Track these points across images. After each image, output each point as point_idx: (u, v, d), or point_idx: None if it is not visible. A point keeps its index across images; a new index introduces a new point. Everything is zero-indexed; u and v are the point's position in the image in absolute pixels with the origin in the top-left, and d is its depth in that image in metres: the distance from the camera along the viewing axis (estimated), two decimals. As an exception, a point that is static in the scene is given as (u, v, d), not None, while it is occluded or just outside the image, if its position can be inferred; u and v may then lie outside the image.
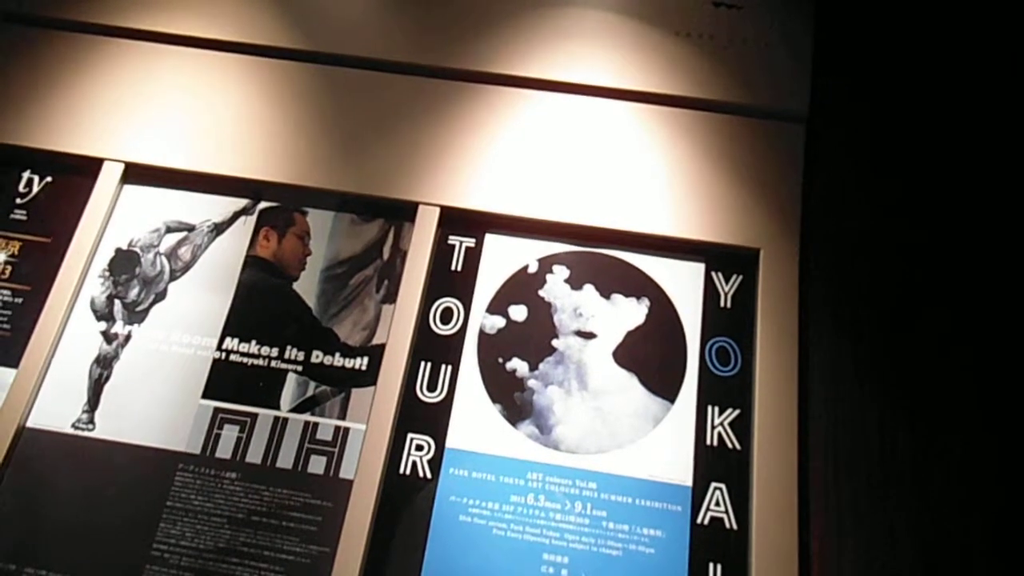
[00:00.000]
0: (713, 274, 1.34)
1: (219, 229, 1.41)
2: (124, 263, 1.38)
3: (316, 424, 1.26)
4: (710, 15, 1.48)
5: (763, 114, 1.41)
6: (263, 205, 1.43)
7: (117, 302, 1.35)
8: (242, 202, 1.43)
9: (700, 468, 1.21)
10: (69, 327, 1.33)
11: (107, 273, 1.37)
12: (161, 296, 1.36)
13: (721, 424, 1.24)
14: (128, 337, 1.33)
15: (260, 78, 1.48)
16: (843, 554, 1.14)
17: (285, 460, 1.23)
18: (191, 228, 1.41)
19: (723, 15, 1.48)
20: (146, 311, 1.35)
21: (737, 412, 1.24)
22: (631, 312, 1.32)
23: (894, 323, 1.27)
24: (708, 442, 1.22)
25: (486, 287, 1.35)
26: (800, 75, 1.42)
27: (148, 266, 1.38)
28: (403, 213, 1.39)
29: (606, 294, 1.33)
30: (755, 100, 1.41)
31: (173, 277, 1.37)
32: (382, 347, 1.29)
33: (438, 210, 1.38)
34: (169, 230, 1.41)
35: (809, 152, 1.39)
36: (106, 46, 1.52)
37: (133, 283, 1.37)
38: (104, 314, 1.35)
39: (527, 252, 1.37)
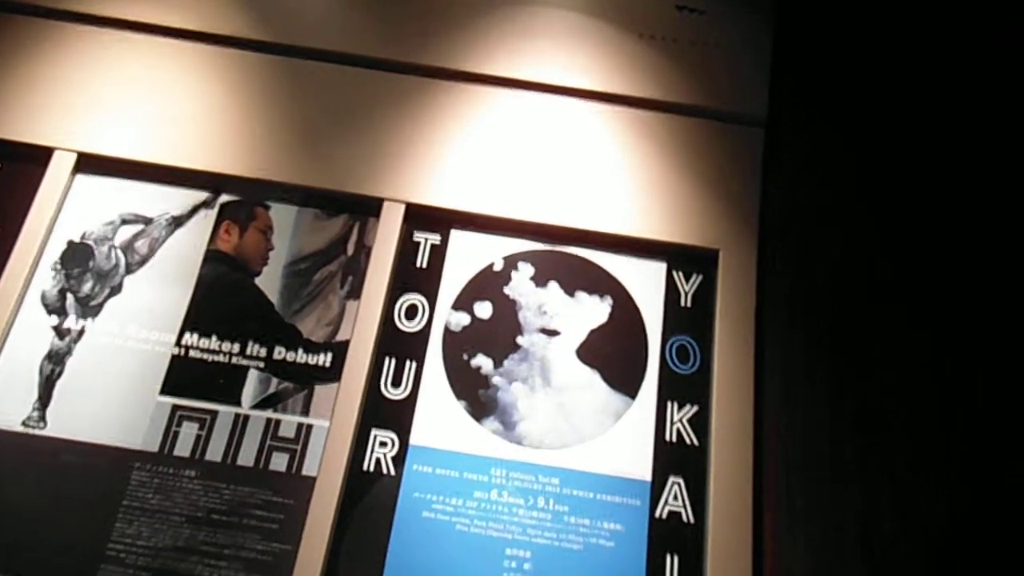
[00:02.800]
0: (674, 273, 1.37)
1: (178, 222, 1.38)
2: (77, 256, 1.34)
3: (278, 421, 1.25)
4: (673, 18, 1.51)
5: (723, 117, 1.44)
6: (224, 199, 1.40)
7: (69, 296, 1.31)
8: (202, 195, 1.40)
9: (659, 463, 1.24)
10: (18, 321, 1.29)
11: (59, 266, 1.33)
12: (116, 290, 1.32)
13: (680, 420, 1.27)
14: (81, 332, 1.29)
15: (222, 69, 1.45)
16: (795, 547, 1.18)
17: (246, 458, 1.22)
18: (148, 221, 1.37)
19: (686, 19, 1.50)
20: (100, 305, 1.31)
21: (696, 409, 1.28)
22: (594, 310, 1.34)
23: (849, 324, 1.32)
24: (667, 438, 1.25)
25: (451, 284, 1.35)
26: (759, 79, 1.46)
27: (102, 259, 1.34)
28: (368, 209, 1.38)
29: (570, 292, 1.35)
30: (715, 103, 1.45)
31: (129, 271, 1.34)
32: (346, 343, 1.29)
33: (403, 206, 1.37)
34: (125, 222, 1.37)
35: (768, 155, 1.43)
36: (59, 31, 1.46)
37: (86, 276, 1.33)
38: (56, 308, 1.31)
39: (492, 250, 1.38)
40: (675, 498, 1.22)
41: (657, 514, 1.20)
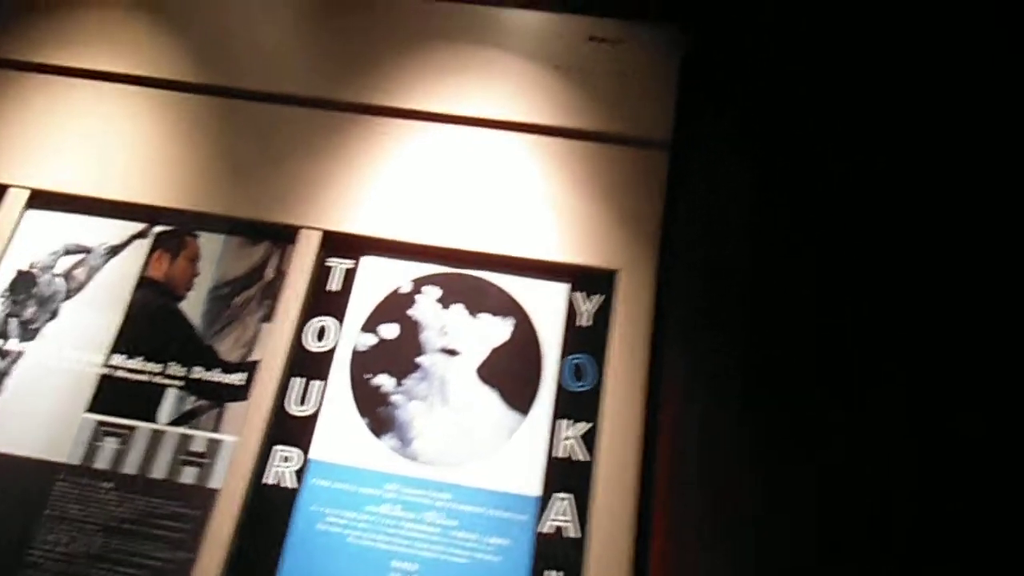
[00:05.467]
0: (576, 294, 1.41)
1: (115, 251, 1.49)
2: (23, 284, 1.46)
3: (191, 436, 1.32)
4: (585, 49, 1.57)
5: (629, 141, 1.49)
6: (158, 229, 1.51)
7: (13, 320, 1.43)
8: (139, 226, 1.51)
9: (549, 479, 1.27)
10: (-33, 344, 1.41)
11: (7, 294, 1.45)
12: (54, 315, 1.44)
13: (573, 437, 1.30)
14: (20, 354, 1.40)
15: (159, 109, 1.57)
16: (683, 556, 1.19)
17: (159, 471, 1.30)
18: (88, 251, 1.49)
19: (597, 49, 1.56)
20: (38, 329, 1.42)
21: (589, 426, 1.30)
22: (497, 331, 1.39)
23: (743, 344, 1.33)
24: (558, 454, 1.28)
25: (360, 307, 1.42)
26: (666, 104, 1.50)
27: (44, 286, 1.46)
28: (287, 236, 1.47)
29: (474, 313, 1.41)
30: (622, 128, 1.49)
31: (68, 296, 1.45)
32: (258, 363, 1.36)
33: (320, 233, 1.45)
34: (67, 252, 1.49)
35: (672, 178, 1.47)
36: (12, 79, 1.61)
37: (29, 303, 1.45)
38: (0, 332, 1.42)
39: (402, 273, 1.44)
40: (562, 513, 1.24)
41: (542, 529, 1.23)
